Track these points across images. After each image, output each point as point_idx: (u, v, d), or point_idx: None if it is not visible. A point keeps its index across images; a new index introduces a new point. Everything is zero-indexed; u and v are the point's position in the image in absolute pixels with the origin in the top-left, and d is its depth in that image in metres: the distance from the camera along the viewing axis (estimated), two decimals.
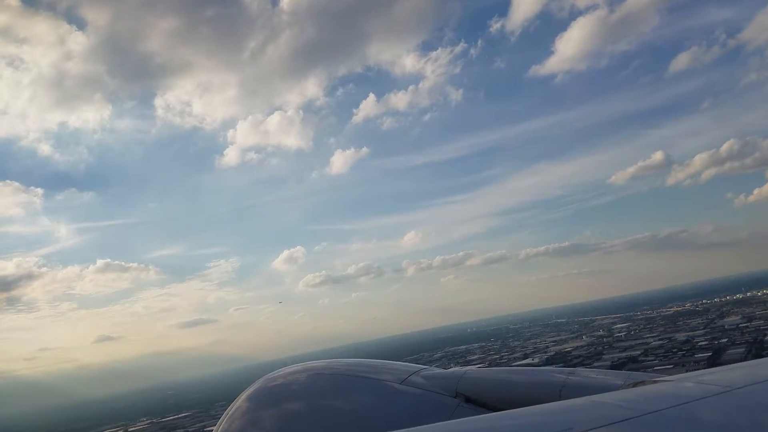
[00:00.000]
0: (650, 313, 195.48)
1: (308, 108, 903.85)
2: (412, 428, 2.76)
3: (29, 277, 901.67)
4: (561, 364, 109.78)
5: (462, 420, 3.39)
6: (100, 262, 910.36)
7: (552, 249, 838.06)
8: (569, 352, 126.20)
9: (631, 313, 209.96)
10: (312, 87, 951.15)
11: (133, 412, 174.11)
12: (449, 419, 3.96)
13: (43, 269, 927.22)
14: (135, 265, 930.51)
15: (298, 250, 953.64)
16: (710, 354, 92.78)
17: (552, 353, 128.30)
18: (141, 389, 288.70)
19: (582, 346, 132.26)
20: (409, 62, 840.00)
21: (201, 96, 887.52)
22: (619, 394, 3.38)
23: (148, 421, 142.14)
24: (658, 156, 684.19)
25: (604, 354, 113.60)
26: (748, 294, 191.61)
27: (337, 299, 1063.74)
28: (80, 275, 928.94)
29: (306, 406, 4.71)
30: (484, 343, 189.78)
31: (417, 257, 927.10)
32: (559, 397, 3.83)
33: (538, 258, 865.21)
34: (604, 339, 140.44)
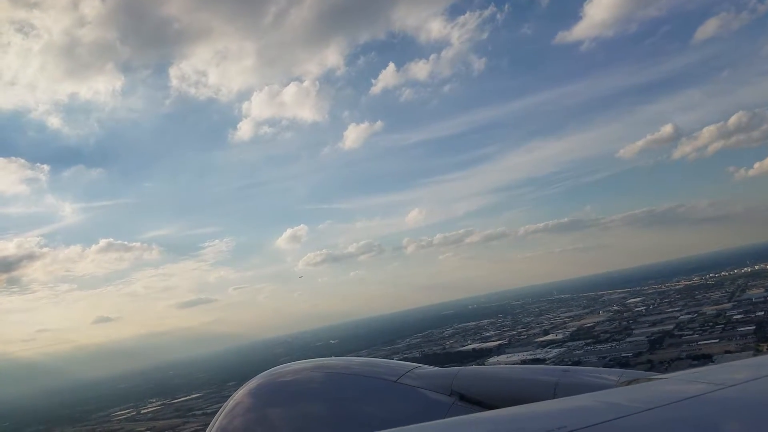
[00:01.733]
0: (659, 287, 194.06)
1: (327, 78, 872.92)
2: (407, 427, 2.79)
3: (30, 257, 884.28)
4: (590, 340, 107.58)
5: (456, 418, 3.41)
6: (103, 242, 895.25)
7: (552, 225, 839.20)
8: (592, 327, 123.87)
9: (638, 288, 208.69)
10: (333, 55, 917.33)
11: (140, 393, 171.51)
12: (444, 418, 3.93)
13: (45, 249, 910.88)
14: (138, 244, 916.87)
15: (302, 229, 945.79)
16: (754, 327, 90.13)
17: (573, 329, 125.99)
18: (140, 369, 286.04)
19: (603, 322, 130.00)
20: (435, 27, 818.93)
21: (218, 65, 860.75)
22: (613, 392, 3.43)
23: (159, 403, 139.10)
24: (667, 129, 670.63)
25: (633, 329, 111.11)
26: (757, 267, 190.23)
27: (338, 277, 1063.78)
28: (82, 255, 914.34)
29: (300, 405, 4.72)
30: (492, 320, 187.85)
31: (418, 235, 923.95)
32: (554, 395, 3.86)
33: (537, 234, 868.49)
34: (624, 314, 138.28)
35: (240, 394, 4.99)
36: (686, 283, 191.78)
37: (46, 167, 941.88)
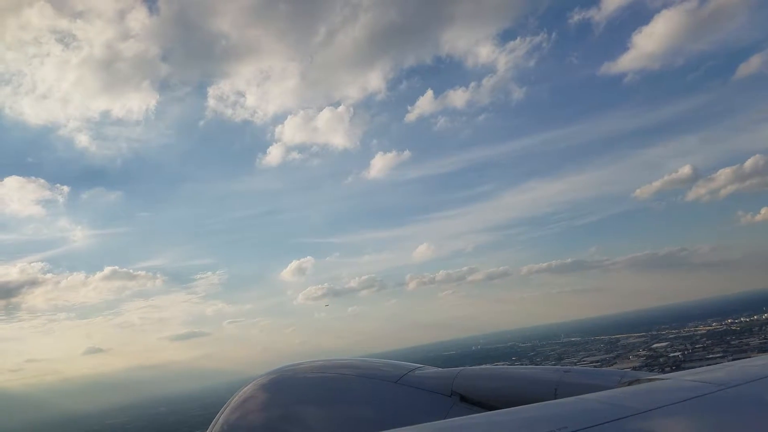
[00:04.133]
0: (678, 332, 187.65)
1: (365, 104, 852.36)
2: (407, 427, 2.84)
3: (31, 283, 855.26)
4: None
5: (457, 419, 3.44)
6: (107, 269, 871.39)
7: (555, 265, 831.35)
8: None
9: (655, 332, 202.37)
10: (375, 80, 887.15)
11: (134, 429, 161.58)
12: (444, 418, 3.99)
13: (48, 275, 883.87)
14: (142, 273, 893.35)
15: (308, 261, 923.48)
16: None
17: None
18: (128, 404, 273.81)
19: (640, 367, 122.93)
20: (484, 52, 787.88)
21: (259, 85, 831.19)
22: (614, 392, 3.45)
23: None
24: (686, 170, 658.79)
25: None
26: None
27: (336, 313, 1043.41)
28: (84, 283, 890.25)
29: (301, 405, 4.77)
30: (508, 363, 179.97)
31: (421, 271, 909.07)
32: (555, 396, 3.89)
33: (539, 275, 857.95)
34: (659, 359, 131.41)
35: (242, 393, 5.02)
36: (706, 328, 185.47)
37: (65, 188, 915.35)
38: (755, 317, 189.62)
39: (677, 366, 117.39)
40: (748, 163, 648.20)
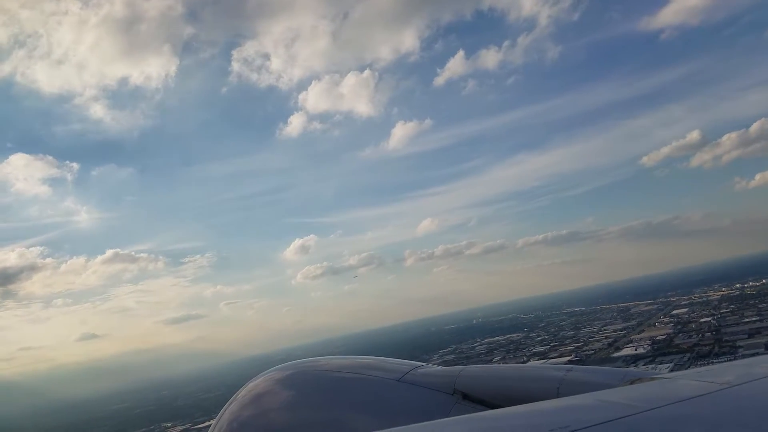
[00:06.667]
0: (690, 299, 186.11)
1: (394, 67, 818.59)
2: (410, 426, 2.87)
3: (31, 268, 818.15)
4: (690, 355, 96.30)
5: (458, 417, 3.46)
6: (109, 252, 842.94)
7: (551, 237, 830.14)
8: (668, 341, 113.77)
9: (664, 299, 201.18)
10: (409, 38, 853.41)
11: (143, 415, 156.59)
12: (447, 417, 3.99)
13: (48, 260, 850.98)
14: (144, 255, 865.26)
15: (311, 239, 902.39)
16: None
17: (646, 342, 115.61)
18: (127, 389, 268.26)
19: (675, 334, 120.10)
20: (528, 3, 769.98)
21: (287, 46, 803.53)
22: (617, 391, 3.45)
23: (181, 428, 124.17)
24: (694, 135, 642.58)
25: (730, 341, 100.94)
26: None
27: (336, 290, 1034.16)
28: (85, 266, 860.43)
29: (303, 404, 4.81)
30: (521, 334, 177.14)
31: (421, 246, 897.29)
32: (557, 395, 3.89)
33: (536, 246, 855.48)
34: (690, 325, 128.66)
35: (246, 390, 5.03)
36: (718, 293, 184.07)
37: (75, 165, 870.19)
38: (764, 281, 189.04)
39: (716, 330, 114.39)
40: (754, 128, 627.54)
